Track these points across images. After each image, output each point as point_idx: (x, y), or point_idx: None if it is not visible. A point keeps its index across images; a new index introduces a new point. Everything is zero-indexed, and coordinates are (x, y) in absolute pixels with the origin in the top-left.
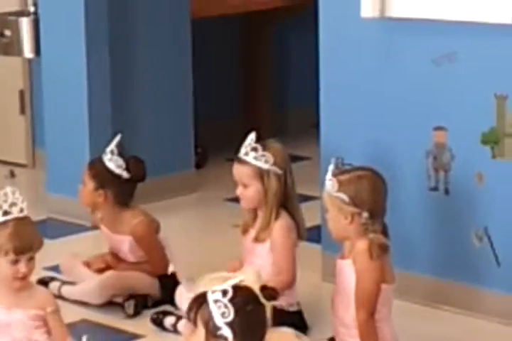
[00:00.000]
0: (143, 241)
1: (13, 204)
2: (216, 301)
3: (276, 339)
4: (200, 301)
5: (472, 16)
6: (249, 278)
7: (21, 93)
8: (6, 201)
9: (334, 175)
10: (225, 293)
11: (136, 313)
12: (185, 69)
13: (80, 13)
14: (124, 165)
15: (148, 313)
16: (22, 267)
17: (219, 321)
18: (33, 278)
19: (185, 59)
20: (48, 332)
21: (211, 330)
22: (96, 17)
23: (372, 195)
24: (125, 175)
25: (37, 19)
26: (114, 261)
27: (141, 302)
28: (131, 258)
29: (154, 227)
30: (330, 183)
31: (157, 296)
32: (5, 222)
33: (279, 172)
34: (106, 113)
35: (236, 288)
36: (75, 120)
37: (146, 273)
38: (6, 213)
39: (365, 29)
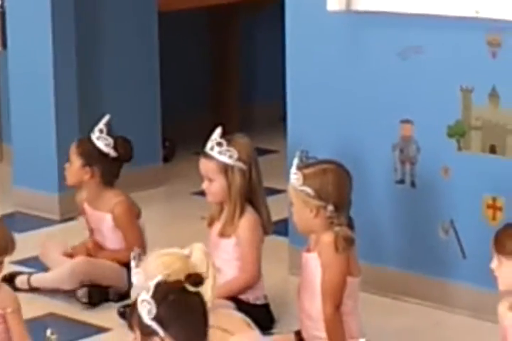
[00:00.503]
0: (121, 219)
1: None
2: (142, 301)
3: (226, 322)
4: (133, 307)
5: (437, 9)
6: (197, 255)
7: None
8: None
9: (299, 168)
10: (148, 290)
11: (93, 303)
12: (153, 62)
13: (46, 6)
14: (112, 144)
15: (115, 306)
16: None
17: (146, 319)
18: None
19: (152, 52)
20: (7, 332)
21: (144, 331)
22: (62, 10)
23: (337, 188)
24: (113, 153)
25: (3, 12)
26: (94, 248)
27: (96, 292)
28: (110, 241)
29: (134, 209)
30: (295, 177)
31: (125, 288)
32: None
33: (244, 167)
34: (72, 107)
35: (158, 284)
36: (41, 114)
37: (122, 263)
38: None
39: (332, 22)
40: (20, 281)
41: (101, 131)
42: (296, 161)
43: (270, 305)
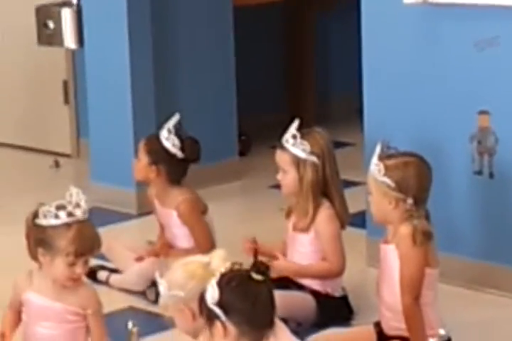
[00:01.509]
0: (186, 217)
1: (77, 206)
2: (209, 287)
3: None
4: (200, 295)
5: None
6: (216, 262)
7: (65, 83)
8: (70, 202)
9: (380, 158)
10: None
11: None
12: (229, 57)
13: (122, 4)
14: (179, 145)
15: None
16: (78, 269)
17: (210, 304)
18: None
19: (227, 47)
20: (88, 331)
21: (207, 316)
22: (138, 7)
23: (418, 182)
24: (180, 154)
25: (80, 10)
26: (164, 249)
27: None
28: (180, 238)
29: (199, 206)
30: (376, 167)
31: None
32: (68, 224)
33: (316, 161)
34: (149, 102)
35: (226, 271)
36: (118, 110)
37: None
38: (70, 214)
39: (407, 15)
40: (100, 276)
41: (169, 131)
42: (377, 151)
43: (349, 297)
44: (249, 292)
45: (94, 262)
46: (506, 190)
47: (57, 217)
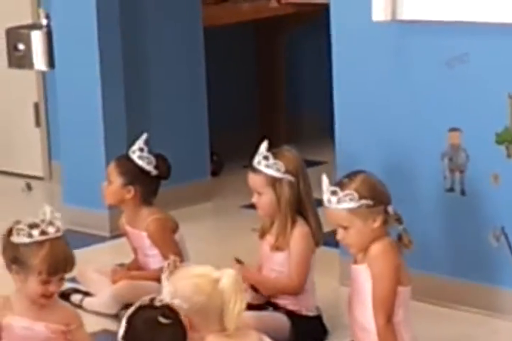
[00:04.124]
0: (155, 237)
1: (50, 224)
2: (122, 321)
3: None
4: None
5: (482, 17)
6: (226, 281)
7: (36, 106)
8: (44, 220)
9: (341, 187)
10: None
11: None
12: (199, 77)
13: (93, 26)
14: (154, 163)
15: None
16: (52, 287)
17: (119, 338)
18: None
19: (198, 67)
20: None
21: None
22: (108, 28)
23: (382, 187)
24: (154, 172)
25: (50, 32)
26: (135, 270)
27: None
28: (152, 260)
29: (169, 226)
30: (345, 198)
31: None
32: (41, 242)
33: (292, 179)
34: (121, 124)
35: (140, 307)
36: (89, 132)
37: None
38: (43, 233)
39: (377, 32)
40: (74, 299)
41: (141, 150)
42: (325, 184)
43: (323, 317)
44: (150, 332)
45: (67, 285)
46: (478, 207)
47: (30, 235)
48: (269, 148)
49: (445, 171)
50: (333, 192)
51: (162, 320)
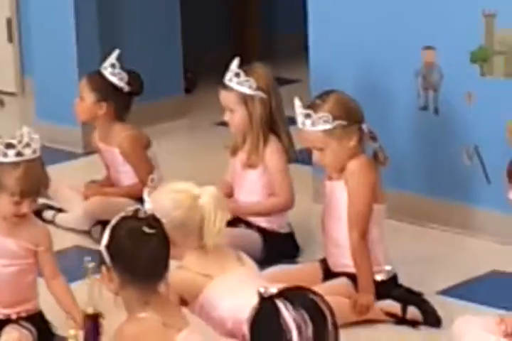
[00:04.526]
0: (128, 153)
1: (26, 145)
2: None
3: (212, 263)
4: None
5: None
6: (206, 198)
7: (8, 21)
8: (20, 142)
9: (314, 109)
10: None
11: None
12: None
13: None
14: (125, 79)
15: None
16: (24, 208)
17: (101, 246)
18: None
19: None
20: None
21: (99, 258)
22: None
23: (355, 105)
24: (126, 88)
25: None
26: (108, 187)
27: None
28: (125, 177)
29: (141, 142)
30: (322, 119)
31: None
32: (16, 163)
33: (264, 96)
34: (94, 39)
35: (123, 217)
36: (62, 47)
37: (136, 198)
38: (18, 154)
39: None
40: (47, 216)
41: (113, 66)
42: (297, 106)
43: (295, 234)
44: (134, 242)
45: (40, 201)
46: (451, 126)
47: (5, 155)
48: (243, 65)
49: (419, 89)
50: (307, 115)
51: (147, 229)
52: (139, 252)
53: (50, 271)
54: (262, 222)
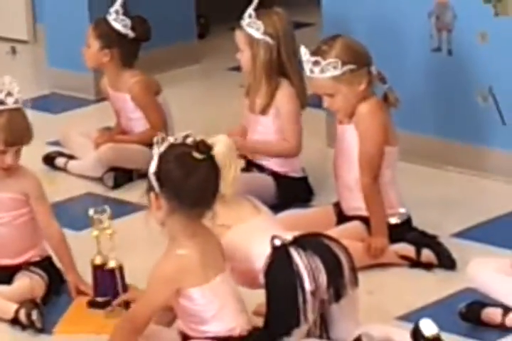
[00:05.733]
0: (138, 98)
1: (8, 94)
2: (153, 157)
3: (229, 213)
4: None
5: None
6: (219, 147)
7: None
8: (2, 91)
9: (322, 56)
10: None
11: (117, 185)
12: None
13: None
14: (129, 25)
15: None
16: (8, 159)
17: (149, 173)
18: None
19: None
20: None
21: (147, 186)
22: None
23: (362, 47)
24: (131, 34)
25: None
26: (120, 134)
27: (120, 175)
28: (135, 123)
29: (152, 87)
30: (332, 65)
31: None
32: None
33: (270, 42)
34: None
35: (172, 144)
36: None
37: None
38: (0, 103)
39: None
40: (58, 163)
41: (117, 12)
42: (306, 54)
43: (308, 178)
44: (184, 168)
45: (51, 149)
46: (465, 67)
47: None
48: (258, 9)
49: (432, 30)
50: (316, 62)
51: (196, 155)
52: (189, 177)
53: (43, 220)
54: (274, 166)
